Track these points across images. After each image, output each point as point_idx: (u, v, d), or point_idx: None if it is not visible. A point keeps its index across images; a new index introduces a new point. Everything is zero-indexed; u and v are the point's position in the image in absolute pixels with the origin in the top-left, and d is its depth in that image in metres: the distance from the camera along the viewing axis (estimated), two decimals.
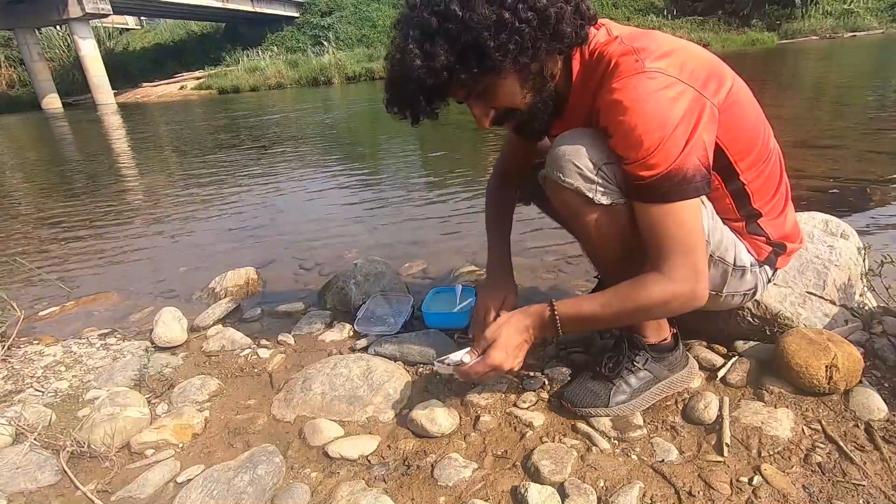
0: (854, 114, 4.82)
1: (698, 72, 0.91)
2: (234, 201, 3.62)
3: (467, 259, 2.13)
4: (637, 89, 0.87)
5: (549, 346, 1.40)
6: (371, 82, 18.13)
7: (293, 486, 0.99)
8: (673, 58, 0.90)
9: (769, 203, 1.06)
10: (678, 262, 0.90)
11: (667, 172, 0.87)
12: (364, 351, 1.44)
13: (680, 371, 1.12)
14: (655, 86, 0.87)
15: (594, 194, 0.95)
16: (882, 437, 0.96)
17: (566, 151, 0.96)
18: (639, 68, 0.88)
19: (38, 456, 1.11)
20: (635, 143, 0.87)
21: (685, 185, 0.88)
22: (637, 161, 0.88)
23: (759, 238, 1.08)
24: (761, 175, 1.03)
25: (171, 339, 1.60)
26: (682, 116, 0.87)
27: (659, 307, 0.94)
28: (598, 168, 0.94)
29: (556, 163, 0.98)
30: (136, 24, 33.03)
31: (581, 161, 0.95)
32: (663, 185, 0.88)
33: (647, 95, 0.86)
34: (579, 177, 0.95)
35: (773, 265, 1.12)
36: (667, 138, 0.86)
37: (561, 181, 0.97)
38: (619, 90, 0.88)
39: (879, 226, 2.21)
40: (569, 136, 0.98)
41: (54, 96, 21.11)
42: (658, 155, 0.87)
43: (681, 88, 0.88)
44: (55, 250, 2.86)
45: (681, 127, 0.87)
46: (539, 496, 0.90)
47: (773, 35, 18.33)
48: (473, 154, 4.42)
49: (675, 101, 0.87)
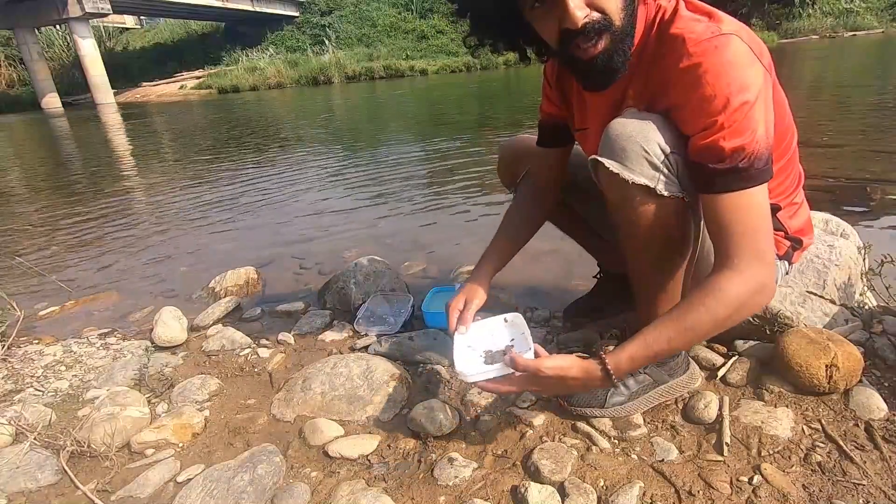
0: (854, 113, 4.82)
1: (760, 45, 0.85)
2: (234, 201, 3.62)
3: (467, 259, 2.13)
4: (717, 52, 0.80)
5: (548, 347, 1.40)
6: (371, 82, 18.15)
7: (293, 486, 0.99)
8: (740, 25, 0.84)
9: (788, 197, 1.05)
10: (750, 254, 0.82)
11: (746, 146, 0.80)
12: (364, 350, 1.44)
13: (680, 376, 1.12)
14: (735, 50, 0.80)
15: (656, 183, 0.86)
16: (882, 436, 0.96)
17: (633, 132, 0.86)
18: (716, 31, 0.81)
19: (38, 455, 1.11)
20: (716, 110, 0.79)
21: (762, 167, 0.81)
22: (718, 131, 0.80)
23: (779, 233, 1.06)
24: (785, 167, 1.01)
25: (171, 338, 1.60)
26: (761, 88, 0.81)
27: (737, 312, 0.84)
28: (666, 156, 0.86)
29: (619, 143, 0.87)
30: (135, 23, 32.99)
31: (650, 146, 0.85)
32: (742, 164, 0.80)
33: (729, 60, 0.79)
34: (646, 162, 0.86)
35: (790, 260, 1.12)
36: (751, 105, 0.79)
37: (623, 165, 0.87)
38: (697, 55, 0.81)
39: (879, 225, 2.21)
40: (632, 116, 0.89)
41: (54, 96, 21.12)
42: (742, 124, 0.79)
43: (753, 57, 0.82)
44: (55, 250, 2.85)
45: (760, 98, 0.80)
46: (539, 496, 0.89)
47: (773, 34, 18.32)
48: (474, 154, 4.41)
49: (753, 68, 0.81)
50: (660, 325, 0.87)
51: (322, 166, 4.59)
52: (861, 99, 5.58)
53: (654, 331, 0.87)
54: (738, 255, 0.83)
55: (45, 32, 24.75)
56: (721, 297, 0.83)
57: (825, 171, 2.94)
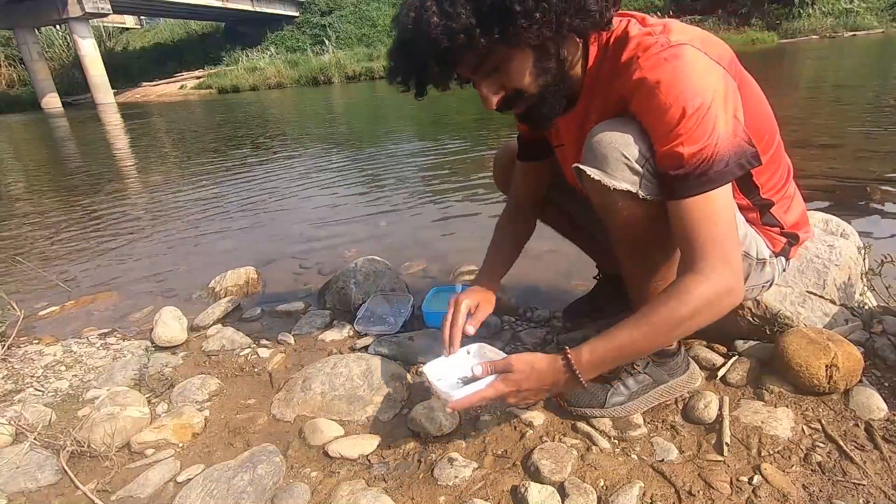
0: (854, 113, 4.82)
1: (718, 48, 0.88)
2: (234, 201, 3.62)
3: (467, 258, 2.13)
4: (668, 63, 0.83)
5: (548, 347, 1.40)
6: (371, 82, 18.14)
7: (293, 486, 0.99)
8: (695, 34, 0.87)
9: (780, 191, 1.05)
10: (715, 257, 0.83)
11: (703, 150, 0.82)
12: (364, 350, 1.44)
13: (680, 376, 1.12)
14: (685, 59, 0.83)
15: (638, 188, 0.88)
16: (882, 436, 0.96)
17: (613, 139, 0.89)
18: (665, 44, 0.84)
19: (38, 455, 1.11)
20: (672, 119, 0.82)
21: (723, 169, 0.83)
22: (675, 139, 0.82)
23: (774, 229, 1.07)
24: (772, 162, 1.01)
25: (171, 338, 1.60)
26: (716, 91, 0.83)
27: (700, 315, 0.85)
28: (646, 160, 0.88)
29: (600, 150, 0.89)
30: (135, 23, 33.00)
31: (630, 151, 0.88)
32: (699, 169, 0.82)
33: (679, 69, 0.82)
34: (626, 168, 0.88)
35: (787, 256, 1.12)
36: (706, 109, 0.81)
37: (604, 172, 0.89)
38: (648, 68, 0.84)
39: (879, 225, 2.21)
40: (611, 123, 0.91)
41: (54, 96, 21.14)
42: (698, 129, 0.81)
43: (707, 62, 0.84)
44: (55, 250, 2.85)
45: (717, 100, 0.82)
46: (539, 496, 0.89)
47: (773, 34, 18.31)
48: (474, 154, 4.41)
49: (707, 73, 0.83)
50: (624, 324, 0.89)
51: (322, 166, 4.59)
52: (861, 99, 5.57)
53: (618, 328, 0.89)
54: (703, 258, 0.84)
55: (45, 32, 24.76)
56: (686, 298, 0.84)
57: (825, 171, 2.94)
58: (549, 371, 0.92)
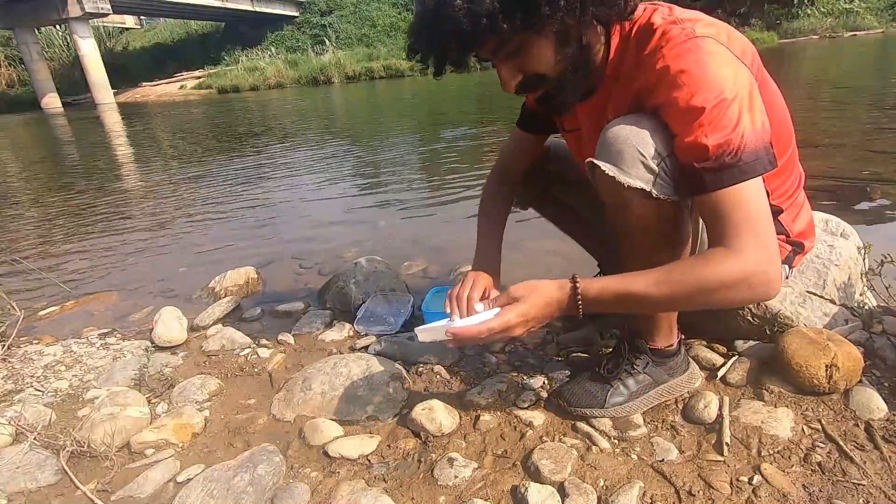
0: (854, 113, 4.82)
1: (742, 45, 0.88)
2: (234, 201, 3.62)
3: (467, 258, 2.13)
4: (691, 53, 0.82)
5: (549, 346, 1.40)
6: (371, 82, 18.15)
7: (293, 486, 0.99)
8: (719, 27, 0.86)
9: (790, 198, 1.05)
10: (750, 240, 0.78)
11: (729, 141, 0.79)
12: (364, 350, 1.44)
13: (680, 376, 1.12)
14: (709, 50, 0.82)
15: (651, 186, 0.86)
16: (882, 436, 0.96)
17: (629, 135, 0.86)
18: (690, 34, 0.83)
19: (38, 455, 1.11)
20: (695, 109, 0.80)
21: (753, 161, 0.80)
22: (698, 129, 0.80)
23: (780, 236, 1.06)
24: (785, 168, 1.01)
25: (171, 338, 1.60)
26: (740, 85, 0.81)
27: (726, 289, 0.79)
28: (662, 159, 0.86)
29: (615, 146, 0.87)
30: (135, 23, 32.97)
31: (646, 149, 0.85)
32: (729, 160, 0.79)
33: (703, 60, 0.81)
34: (641, 165, 0.86)
35: (791, 264, 1.11)
36: (728, 102, 0.79)
37: (619, 168, 0.87)
38: (672, 57, 0.83)
39: (879, 225, 2.21)
40: (628, 119, 0.89)
41: (54, 96, 21.12)
42: (722, 120, 0.79)
43: (731, 57, 0.83)
44: (55, 250, 2.85)
45: (741, 94, 0.80)
46: (539, 496, 0.90)
47: (772, 34, 18.32)
48: (474, 154, 4.41)
49: (730, 66, 0.82)
50: (644, 274, 0.84)
51: (322, 166, 4.59)
52: (861, 98, 5.58)
53: (637, 276, 0.85)
54: (738, 236, 0.79)
55: (45, 32, 24.72)
56: (715, 269, 0.79)
57: (825, 171, 2.93)
58: (556, 296, 0.89)
